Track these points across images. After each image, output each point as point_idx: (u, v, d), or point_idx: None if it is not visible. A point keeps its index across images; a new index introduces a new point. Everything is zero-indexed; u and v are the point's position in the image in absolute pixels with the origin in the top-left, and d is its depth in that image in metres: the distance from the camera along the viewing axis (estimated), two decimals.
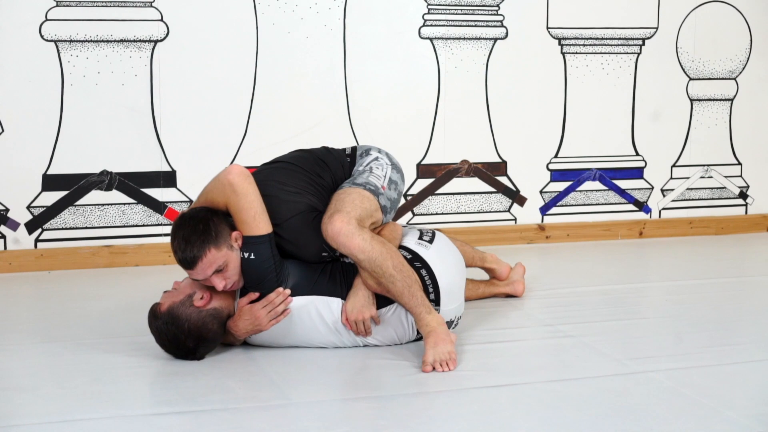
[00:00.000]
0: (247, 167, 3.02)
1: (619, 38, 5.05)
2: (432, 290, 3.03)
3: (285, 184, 3.03)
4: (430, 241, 3.16)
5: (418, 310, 2.92)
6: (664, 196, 5.27)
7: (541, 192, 5.04)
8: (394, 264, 2.89)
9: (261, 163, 4.54)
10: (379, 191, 3.06)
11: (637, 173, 5.21)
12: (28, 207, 4.35)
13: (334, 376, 2.88)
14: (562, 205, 5.10)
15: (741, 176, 5.38)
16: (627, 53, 5.08)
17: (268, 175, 3.08)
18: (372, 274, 2.91)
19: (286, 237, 2.94)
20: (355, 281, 2.99)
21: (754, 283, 4.22)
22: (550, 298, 3.80)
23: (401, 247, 3.12)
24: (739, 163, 5.37)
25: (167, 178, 4.49)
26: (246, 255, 2.87)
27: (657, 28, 5.11)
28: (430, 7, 4.75)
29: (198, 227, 2.85)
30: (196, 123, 4.50)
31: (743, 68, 5.28)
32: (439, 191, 4.86)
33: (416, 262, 3.05)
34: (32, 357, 3.09)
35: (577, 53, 5.01)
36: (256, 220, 2.85)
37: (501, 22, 4.86)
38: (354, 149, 3.31)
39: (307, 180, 3.09)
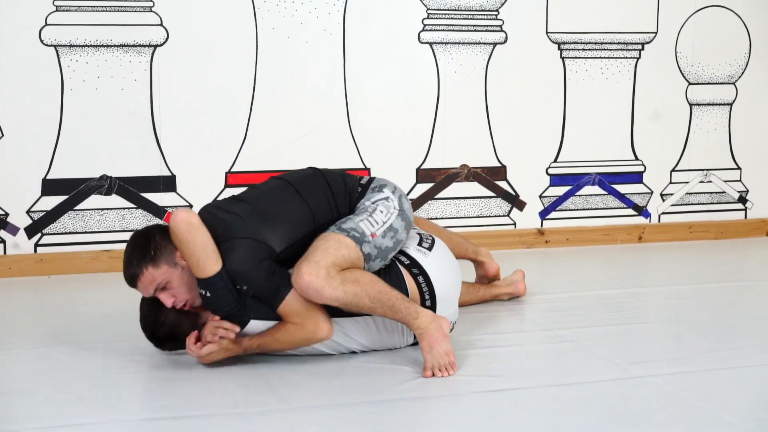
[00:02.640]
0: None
1: (619, 43, 5.06)
2: (428, 297, 3.04)
3: (263, 215, 2.94)
4: (429, 248, 3.15)
5: (405, 320, 2.91)
6: (663, 200, 5.27)
7: (540, 196, 5.04)
8: (371, 297, 2.85)
9: (261, 168, 4.57)
10: (365, 239, 2.92)
11: (636, 178, 5.21)
12: (28, 211, 4.35)
13: (333, 380, 2.87)
14: (562, 210, 5.10)
15: (740, 181, 5.38)
16: (626, 58, 5.09)
17: (256, 199, 3.03)
18: (351, 311, 2.92)
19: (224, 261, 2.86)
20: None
21: (754, 287, 4.22)
22: (550, 303, 3.80)
23: (400, 252, 3.12)
24: (739, 168, 5.37)
25: (167, 183, 4.50)
26: (203, 293, 2.88)
27: (656, 33, 5.11)
28: (429, 11, 4.76)
29: (139, 245, 2.88)
30: (196, 127, 4.51)
31: (742, 73, 5.29)
32: (438, 196, 4.86)
33: (414, 268, 3.06)
34: (31, 361, 3.09)
35: (576, 58, 5.01)
36: (201, 264, 2.81)
37: (500, 26, 4.86)
38: (370, 181, 3.18)
39: (293, 209, 3.00)
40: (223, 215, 2.93)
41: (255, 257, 2.83)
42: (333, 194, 3.07)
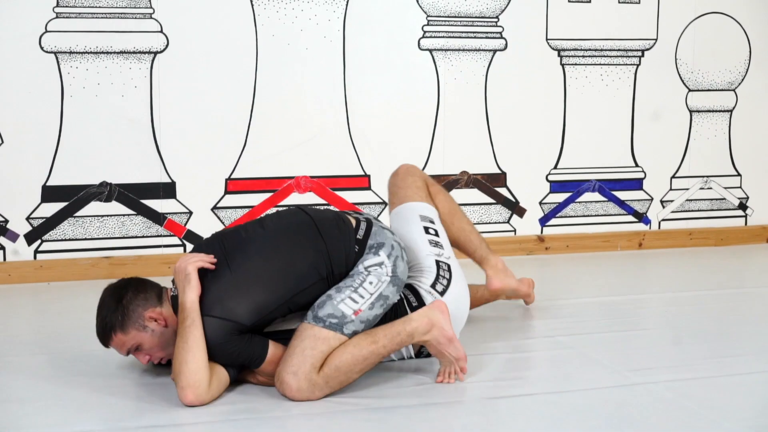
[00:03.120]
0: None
1: (619, 49, 5.06)
2: None
3: (237, 287, 2.78)
4: (443, 292, 3.01)
5: (404, 344, 2.86)
6: (663, 207, 5.27)
7: (540, 203, 5.04)
8: (360, 369, 2.78)
9: (261, 175, 4.58)
10: (345, 321, 2.77)
11: (636, 184, 5.21)
12: (28, 218, 4.35)
13: None
14: (562, 217, 5.10)
15: (741, 187, 5.38)
16: (626, 64, 5.09)
17: (240, 261, 2.82)
18: None
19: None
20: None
21: (754, 294, 4.22)
22: (550, 310, 3.80)
23: (408, 287, 3.00)
24: (739, 175, 5.37)
25: (167, 190, 4.49)
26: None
27: (656, 40, 5.12)
28: (429, 18, 4.76)
29: (108, 308, 2.82)
30: (196, 134, 4.51)
31: (742, 79, 5.29)
32: None
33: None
34: (31, 368, 3.09)
35: (576, 64, 5.01)
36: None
37: (500, 33, 4.87)
38: (367, 234, 2.95)
39: (276, 272, 2.81)
40: (204, 282, 2.78)
41: (221, 335, 2.71)
42: (327, 250, 2.87)
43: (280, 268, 2.80)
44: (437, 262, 3.09)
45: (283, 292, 2.79)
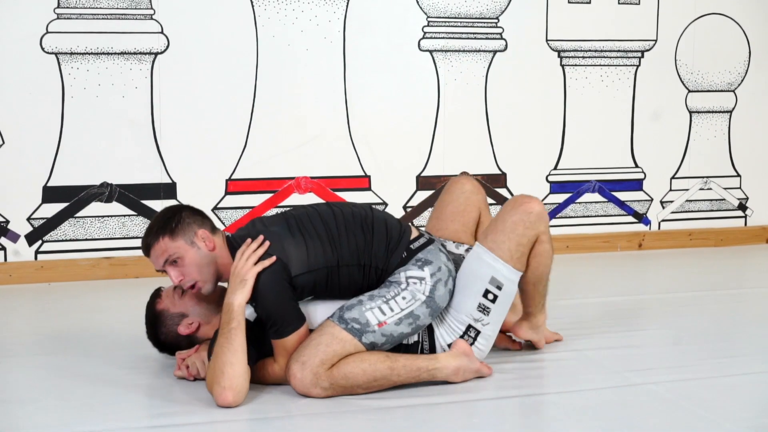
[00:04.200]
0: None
1: (618, 50, 5.07)
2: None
3: (293, 235, 2.85)
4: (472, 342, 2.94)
5: (420, 380, 2.84)
6: (663, 207, 5.28)
7: None
8: (365, 387, 2.77)
9: (261, 176, 4.58)
10: (367, 329, 2.77)
11: (636, 185, 5.21)
12: (29, 219, 4.35)
13: None
14: (562, 217, 5.10)
15: (740, 188, 5.39)
16: (626, 65, 5.10)
17: (296, 218, 2.90)
18: None
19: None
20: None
21: (754, 294, 4.22)
22: (550, 310, 3.78)
23: (428, 329, 2.91)
24: (739, 175, 5.38)
25: (167, 190, 4.50)
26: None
27: (656, 41, 5.12)
28: (429, 19, 4.77)
29: (163, 216, 2.88)
30: (197, 135, 4.51)
31: (742, 80, 5.29)
32: None
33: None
34: (32, 369, 3.09)
35: (576, 65, 5.02)
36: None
37: (500, 34, 4.87)
38: (421, 247, 2.92)
39: (323, 240, 2.86)
40: (262, 228, 2.86)
41: (277, 277, 2.75)
42: (372, 241, 2.88)
43: (333, 237, 2.84)
44: (469, 326, 2.93)
45: (329, 257, 2.82)
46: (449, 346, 2.91)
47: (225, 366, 2.66)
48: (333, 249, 2.84)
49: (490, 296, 2.91)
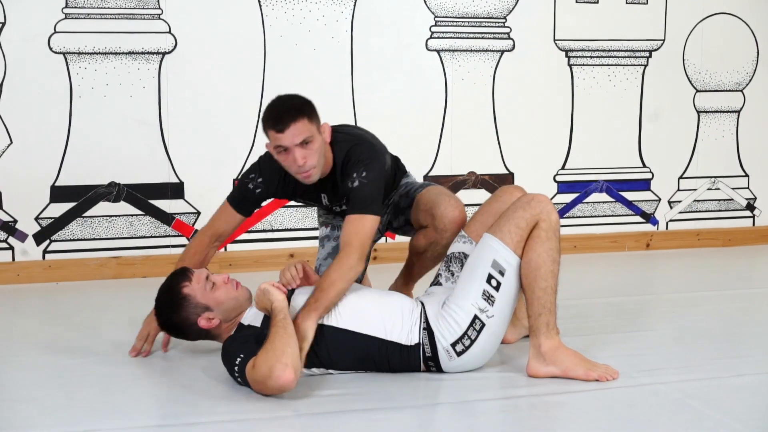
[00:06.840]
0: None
1: (626, 50, 5.06)
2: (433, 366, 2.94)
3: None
4: (461, 353, 2.91)
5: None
6: (671, 207, 5.27)
7: None
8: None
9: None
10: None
11: (644, 185, 5.20)
12: (37, 218, 4.36)
13: (340, 387, 2.87)
14: (569, 217, 5.10)
15: (748, 188, 5.38)
16: (634, 65, 5.09)
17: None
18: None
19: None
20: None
21: (762, 295, 4.21)
22: (557, 310, 3.79)
23: (429, 333, 2.91)
24: (747, 175, 5.37)
25: (175, 190, 4.51)
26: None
27: (664, 40, 5.12)
28: (437, 19, 4.77)
29: (300, 100, 3.07)
30: (204, 134, 4.52)
31: (750, 80, 5.28)
32: None
33: (432, 366, 2.95)
34: (40, 368, 3.10)
35: (584, 65, 5.01)
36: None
37: (508, 34, 4.87)
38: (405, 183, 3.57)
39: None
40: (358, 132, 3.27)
41: (382, 166, 3.15)
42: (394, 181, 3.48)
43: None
44: (475, 317, 2.88)
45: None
46: (450, 345, 2.89)
47: (285, 347, 2.69)
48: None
49: (494, 282, 2.88)
